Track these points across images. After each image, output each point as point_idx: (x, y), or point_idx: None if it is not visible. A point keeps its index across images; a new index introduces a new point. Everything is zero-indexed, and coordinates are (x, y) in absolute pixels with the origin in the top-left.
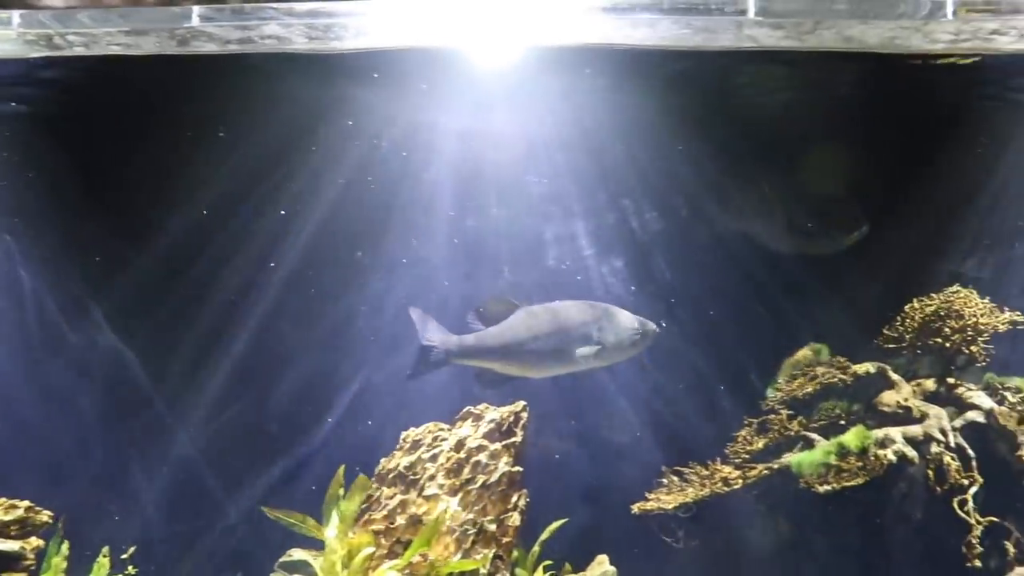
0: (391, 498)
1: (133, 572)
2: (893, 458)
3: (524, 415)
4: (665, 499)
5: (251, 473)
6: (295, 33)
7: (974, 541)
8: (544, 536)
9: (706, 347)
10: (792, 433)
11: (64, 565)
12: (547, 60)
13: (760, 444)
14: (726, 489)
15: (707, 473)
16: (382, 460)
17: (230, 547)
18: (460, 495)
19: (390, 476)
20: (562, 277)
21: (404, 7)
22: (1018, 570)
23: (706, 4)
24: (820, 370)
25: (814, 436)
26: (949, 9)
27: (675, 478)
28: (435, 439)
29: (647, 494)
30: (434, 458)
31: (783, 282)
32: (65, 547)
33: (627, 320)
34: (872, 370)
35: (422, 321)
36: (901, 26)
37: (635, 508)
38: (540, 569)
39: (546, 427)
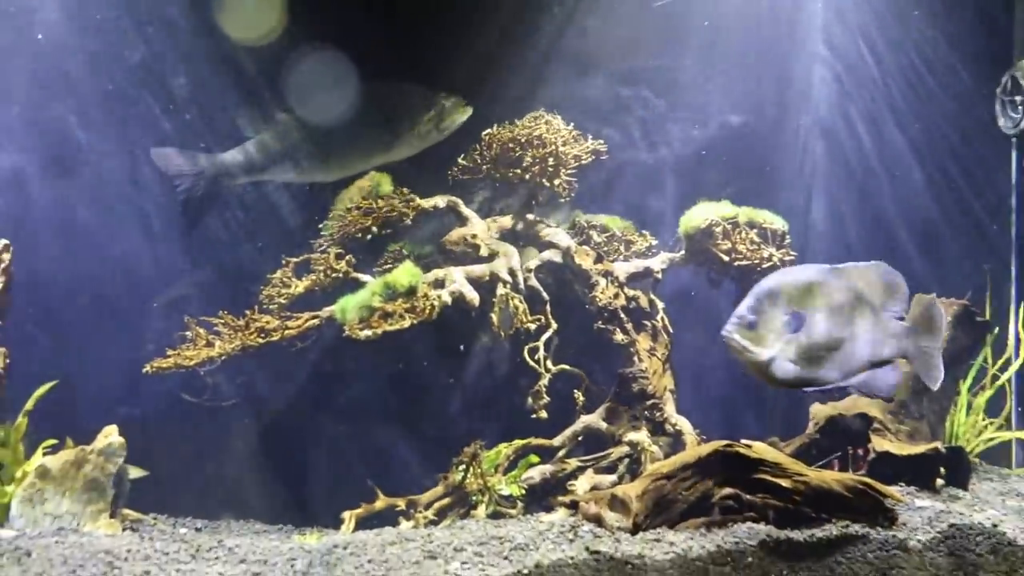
0: None
1: None
2: (448, 299)
3: (6, 256)
4: (188, 355)
5: None
6: None
7: (542, 390)
8: (29, 405)
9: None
10: (341, 275)
11: None
12: None
13: (301, 287)
14: (262, 341)
15: (241, 323)
16: None
17: None
18: None
19: None
20: None
21: None
22: (584, 418)
23: None
24: (380, 204)
25: (364, 277)
26: None
27: (202, 330)
28: None
29: (167, 350)
30: None
31: None
32: None
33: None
34: (442, 204)
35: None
36: None
37: (149, 368)
38: (39, 450)
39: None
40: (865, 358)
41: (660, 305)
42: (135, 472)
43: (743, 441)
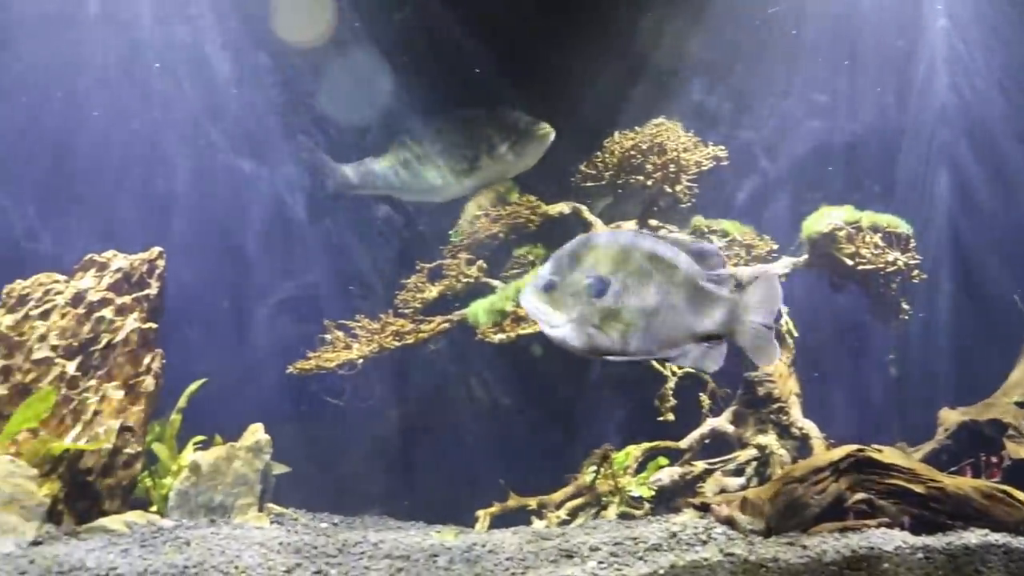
0: None
1: None
2: None
3: (160, 263)
4: (328, 357)
5: None
6: None
7: (668, 394)
8: (182, 403)
9: None
10: (472, 280)
11: None
12: None
13: (434, 292)
14: (397, 344)
15: (377, 327)
16: None
17: None
18: (79, 358)
19: None
20: None
21: None
22: (709, 421)
23: None
24: (507, 210)
25: (496, 283)
26: None
27: (340, 333)
28: (47, 293)
29: (308, 352)
30: (45, 315)
31: None
32: None
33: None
34: (566, 211)
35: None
36: None
37: (292, 368)
38: (190, 444)
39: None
40: (683, 330)
41: (784, 309)
42: (278, 468)
43: (873, 446)
